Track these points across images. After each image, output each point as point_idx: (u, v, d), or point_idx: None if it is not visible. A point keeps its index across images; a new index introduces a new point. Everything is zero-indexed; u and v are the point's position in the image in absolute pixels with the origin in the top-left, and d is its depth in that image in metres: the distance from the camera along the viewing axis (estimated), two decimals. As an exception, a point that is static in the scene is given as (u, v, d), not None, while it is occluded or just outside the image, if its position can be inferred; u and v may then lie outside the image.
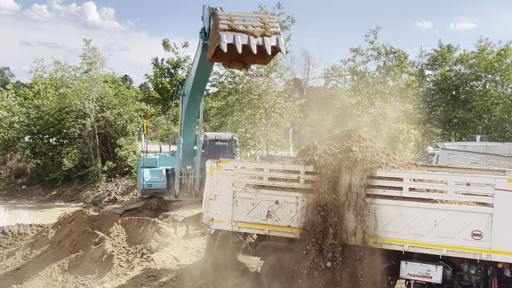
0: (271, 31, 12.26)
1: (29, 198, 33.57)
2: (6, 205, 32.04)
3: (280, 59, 31.29)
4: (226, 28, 12.03)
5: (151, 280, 13.47)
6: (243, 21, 12.31)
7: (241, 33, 12.02)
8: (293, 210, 12.29)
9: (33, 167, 37.83)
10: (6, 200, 32.91)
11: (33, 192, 34.46)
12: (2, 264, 17.36)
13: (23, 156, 36.50)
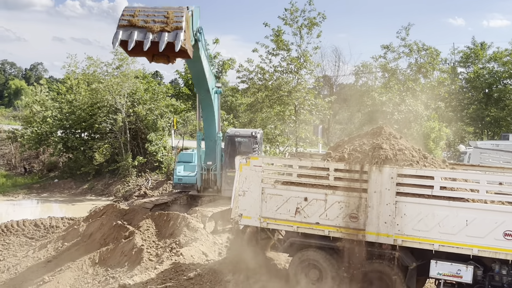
0: (172, 26, 11.79)
1: (61, 191, 34.09)
2: (38, 198, 32.62)
3: (310, 55, 31.20)
4: (126, 24, 11.77)
5: (180, 275, 13.58)
6: (147, 16, 11.91)
7: (139, 29, 11.68)
8: (322, 207, 12.26)
9: (65, 161, 38.42)
10: (38, 193, 33.49)
11: (65, 185, 35.00)
12: (35, 256, 17.68)
13: (55, 150, 37.08)
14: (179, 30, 11.75)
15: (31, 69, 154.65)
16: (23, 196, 32.48)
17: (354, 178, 11.92)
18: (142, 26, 11.70)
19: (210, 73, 18.05)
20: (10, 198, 31.67)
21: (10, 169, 40.72)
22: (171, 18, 11.84)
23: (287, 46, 30.81)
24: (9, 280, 16.14)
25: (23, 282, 15.57)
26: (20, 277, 16.15)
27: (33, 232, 22.20)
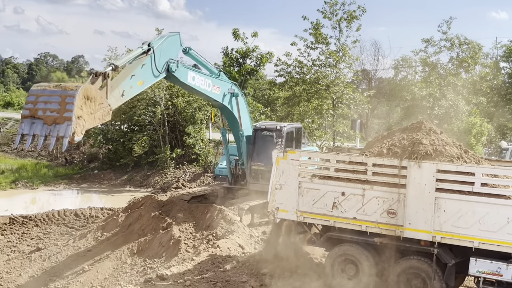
0: (63, 117, 10.60)
1: (101, 182, 34.66)
2: (79, 189, 33.25)
3: (349, 49, 30.95)
4: (28, 114, 10.82)
5: (216, 266, 13.68)
6: (45, 103, 10.76)
7: (38, 120, 10.70)
8: (359, 202, 12.17)
9: (105, 153, 39.03)
10: (79, 184, 34.13)
11: (105, 176, 35.57)
12: (75, 245, 18.05)
13: (95, 141, 37.68)
14: (68, 121, 10.55)
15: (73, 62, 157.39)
16: (64, 186, 33.16)
17: (393, 174, 11.79)
18: (39, 117, 10.74)
19: (212, 86, 17.77)
20: (51, 188, 32.37)
21: (51, 159, 41.57)
22: (63, 106, 10.65)
23: (326, 39, 30.61)
24: (50, 268, 16.52)
25: (63, 270, 15.92)
26: (60, 265, 16.52)
27: (73, 221, 22.70)
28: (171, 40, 15.62)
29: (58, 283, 14.93)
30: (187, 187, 28.28)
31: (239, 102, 18.93)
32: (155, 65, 14.47)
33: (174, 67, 15.41)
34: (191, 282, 12.62)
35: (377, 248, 12.24)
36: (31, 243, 19.63)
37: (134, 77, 13.51)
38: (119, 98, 12.84)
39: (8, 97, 77.86)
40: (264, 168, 19.17)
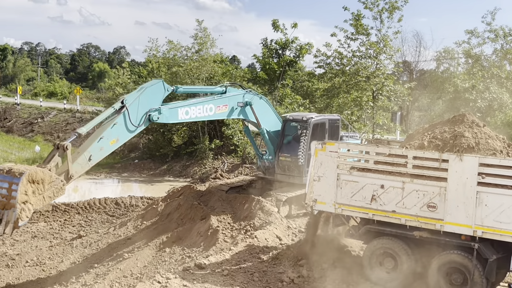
0: (10, 203, 11.00)
1: (141, 172, 35.12)
2: (119, 178, 33.76)
3: (390, 40, 30.55)
4: None
5: (254, 257, 13.74)
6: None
7: None
8: (399, 195, 12.04)
9: (145, 143, 39.49)
10: (119, 173, 34.65)
11: (145, 166, 36.01)
12: (115, 233, 18.36)
13: (136, 131, 38.12)
14: (13, 208, 10.93)
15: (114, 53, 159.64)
16: (105, 175, 33.71)
17: (434, 167, 11.62)
18: None
19: (216, 108, 17.33)
20: (92, 177, 32.93)
21: (93, 149, 42.32)
22: (9, 193, 11.05)
23: (367, 30, 30.28)
24: (91, 255, 16.85)
25: (104, 257, 16.22)
26: (101, 252, 16.83)
27: (114, 210, 23.10)
28: (151, 90, 15.05)
29: (99, 269, 15.22)
30: (225, 177, 28.42)
31: (255, 108, 18.42)
32: (130, 121, 14.12)
33: (155, 117, 14.93)
34: (228, 271, 12.71)
35: (416, 241, 12.10)
36: (73, 230, 20.07)
37: (103, 139, 13.47)
38: (86, 164, 13.05)
39: (52, 87, 79.54)
40: (289, 159, 19.05)
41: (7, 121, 55.31)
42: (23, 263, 16.22)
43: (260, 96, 19.37)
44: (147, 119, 14.75)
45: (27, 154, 38.35)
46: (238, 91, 18.42)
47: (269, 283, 12.41)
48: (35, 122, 52.67)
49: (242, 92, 18.43)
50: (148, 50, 39.66)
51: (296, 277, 12.56)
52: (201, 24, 36.19)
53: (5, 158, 36.54)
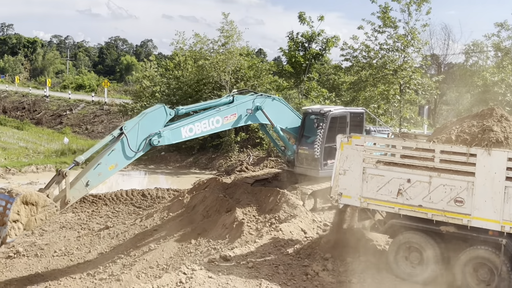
0: (3, 220, 12.00)
1: (167, 164, 35.38)
2: (146, 170, 34.06)
3: (418, 33, 30.19)
4: None
5: (279, 249, 13.76)
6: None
7: None
8: (425, 190, 11.94)
9: (171, 135, 39.73)
10: (146, 165, 34.94)
11: (171, 158, 36.26)
12: (142, 224, 18.56)
13: (162, 124, 38.34)
14: (4, 224, 11.95)
15: (141, 46, 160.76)
16: (132, 167, 33.97)
17: (461, 161, 11.49)
18: None
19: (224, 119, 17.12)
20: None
21: (120, 141, 42.79)
22: (4, 211, 12.05)
23: (394, 23, 29.95)
24: (118, 246, 17.07)
25: (130, 248, 16.40)
26: (128, 243, 17.03)
27: (141, 201, 23.34)
28: (152, 116, 15.05)
29: (125, 260, 15.42)
30: (250, 170, 28.48)
31: (267, 111, 18.26)
32: (129, 147, 14.25)
33: (155, 141, 14.90)
34: (253, 264, 12.76)
35: (442, 236, 11.99)
36: (100, 221, 20.34)
37: (101, 165, 13.73)
38: (83, 189, 13.55)
39: (80, 80, 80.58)
40: (307, 152, 18.99)
41: (36, 113, 56.23)
42: (51, 253, 16.51)
43: (272, 97, 19.12)
44: (148, 144, 14.78)
45: (55, 145, 38.92)
46: (246, 98, 18.12)
47: (293, 276, 12.43)
48: (64, 114, 53.43)
49: (251, 98, 18.13)
50: (175, 43, 39.91)
51: (321, 270, 12.56)
52: (227, 17, 36.23)
53: (35, 149, 37.17)
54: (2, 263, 15.64)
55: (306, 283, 12.11)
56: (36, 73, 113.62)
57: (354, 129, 18.98)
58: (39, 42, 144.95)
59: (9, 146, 38.46)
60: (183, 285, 11.24)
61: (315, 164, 18.73)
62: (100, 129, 47.26)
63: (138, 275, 13.85)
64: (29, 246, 16.95)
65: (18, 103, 60.72)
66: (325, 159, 18.66)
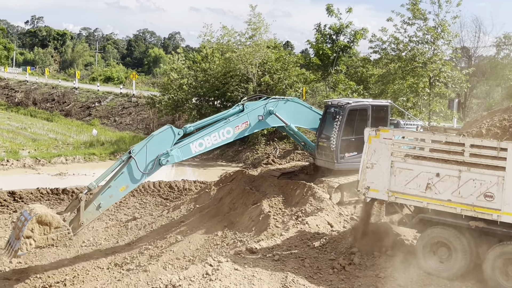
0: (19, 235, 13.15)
1: (194, 156, 35.49)
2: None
3: (448, 25, 29.75)
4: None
5: (305, 243, 13.72)
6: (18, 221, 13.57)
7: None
8: (455, 184, 11.76)
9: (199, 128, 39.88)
10: (173, 157, 35.13)
11: (198, 150, 36.37)
12: (169, 216, 18.70)
13: (190, 116, 38.53)
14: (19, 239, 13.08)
15: (169, 38, 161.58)
16: (160, 159, 34.22)
17: (492, 155, 11.28)
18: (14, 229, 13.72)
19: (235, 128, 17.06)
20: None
21: (148, 133, 42.96)
22: (21, 227, 13.21)
23: (424, 15, 29.55)
24: (145, 237, 17.22)
25: (157, 240, 16.53)
26: (155, 234, 17.18)
27: (168, 193, 23.53)
28: (159, 138, 15.31)
29: (152, 251, 15.55)
30: (277, 163, 28.45)
31: (280, 114, 18.17)
32: (138, 169, 14.66)
33: (164, 161, 15.13)
34: (279, 257, 12.75)
35: (472, 231, 11.81)
36: (128, 213, 20.55)
37: (111, 187, 14.35)
38: (95, 212, 14.26)
39: (109, 72, 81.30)
40: (325, 144, 18.85)
41: (65, 104, 56.95)
42: (80, 243, 16.75)
43: (285, 99, 18.97)
44: (158, 164, 15.10)
45: (84, 137, 39.39)
46: (257, 104, 18.00)
47: (320, 269, 12.39)
48: (93, 106, 54.02)
49: (262, 104, 18.02)
50: (203, 35, 39.96)
51: (347, 265, 12.50)
52: (254, 10, 36.15)
53: (64, 141, 37.69)
54: (31, 253, 15.89)
55: (332, 276, 12.06)
56: (66, 65, 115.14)
57: (378, 122, 18.34)
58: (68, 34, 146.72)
59: (39, 137, 39.06)
60: (209, 277, 11.29)
61: (332, 156, 18.63)
62: (128, 121, 47.66)
63: (165, 266, 13.96)
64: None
65: (48, 95, 61.55)
66: (342, 152, 18.50)
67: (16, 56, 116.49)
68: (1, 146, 34.27)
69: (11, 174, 27.38)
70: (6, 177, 26.60)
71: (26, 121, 48.40)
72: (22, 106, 58.97)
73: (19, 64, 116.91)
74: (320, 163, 19.54)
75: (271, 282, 11.36)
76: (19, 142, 36.66)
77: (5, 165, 28.50)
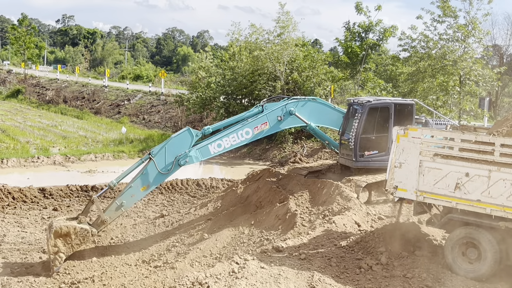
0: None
1: (221, 154, 35.58)
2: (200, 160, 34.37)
3: (480, 23, 29.30)
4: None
5: (332, 242, 13.64)
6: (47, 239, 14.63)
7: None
8: (484, 184, 11.57)
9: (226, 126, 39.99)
10: (201, 155, 35.30)
11: (225, 149, 36.48)
12: (196, 213, 18.78)
13: (218, 114, 38.69)
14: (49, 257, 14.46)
15: (198, 37, 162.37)
16: (187, 157, 34.40)
17: (523, 155, 11.07)
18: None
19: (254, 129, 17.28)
20: (175, 158, 33.75)
21: (176, 130, 43.28)
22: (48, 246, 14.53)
23: (455, 12, 29.19)
24: (172, 234, 17.31)
25: (184, 237, 16.62)
26: (182, 232, 17.26)
27: (195, 191, 23.66)
28: (177, 139, 15.75)
29: (180, 248, 15.65)
30: (304, 161, 28.37)
31: (300, 114, 18.16)
32: (157, 169, 15.22)
33: (182, 162, 15.58)
34: (306, 255, 12.71)
35: (501, 232, 11.62)
36: (155, 210, 20.71)
37: (132, 188, 15.01)
38: (118, 210, 15.02)
39: (138, 70, 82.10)
40: (346, 142, 18.75)
41: (95, 102, 57.64)
42: (108, 240, 16.93)
43: (305, 100, 18.90)
44: (177, 165, 15.55)
45: (114, 135, 39.83)
46: (277, 105, 18.06)
47: (346, 269, 12.30)
48: (122, 104, 54.55)
49: (282, 105, 18.04)
50: (231, 34, 40.02)
51: (374, 264, 12.39)
52: (283, 7, 36.08)
53: (93, 138, 38.18)
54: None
55: (359, 276, 11.97)
56: (96, 64, 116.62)
57: (402, 121, 18.03)
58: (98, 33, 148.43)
59: (69, 134, 39.63)
60: (236, 275, 11.30)
61: (350, 154, 18.56)
62: (157, 119, 48.03)
63: (192, 264, 14.03)
64: (87, 233, 17.39)
65: (78, 93, 62.35)
66: (361, 150, 18.39)
67: (47, 54, 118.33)
68: (32, 143, 34.87)
69: (42, 171, 27.83)
70: (36, 174, 27.05)
71: (56, 118, 49.14)
72: (53, 104, 59.88)
73: (50, 62, 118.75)
74: (342, 161, 19.49)
75: (297, 281, 11.32)
76: (50, 139, 37.24)
77: (36, 162, 28.98)
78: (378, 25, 36.56)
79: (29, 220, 19.18)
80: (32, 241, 17.03)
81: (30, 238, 17.24)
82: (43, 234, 17.48)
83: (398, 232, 13.34)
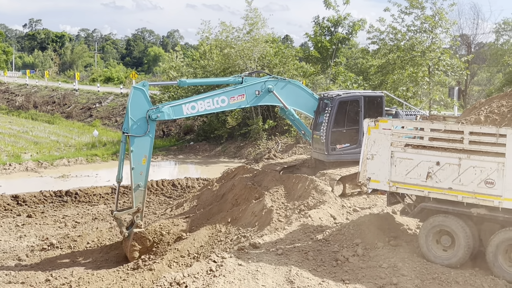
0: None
1: (196, 153, 35.58)
2: (175, 160, 34.32)
3: (446, 13, 29.71)
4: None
5: (308, 236, 13.73)
6: None
7: None
8: (455, 172, 11.76)
9: (200, 125, 39.96)
10: (175, 155, 35.23)
11: (200, 148, 36.49)
12: (172, 214, 18.74)
13: (191, 114, 38.49)
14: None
15: (168, 36, 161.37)
16: (162, 157, 34.32)
17: (491, 142, 11.28)
18: None
19: (230, 99, 17.19)
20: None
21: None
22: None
23: (421, 4, 29.59)
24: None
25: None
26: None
27: (171, 191, 23.58)
28: (133, 102, 15.21)
29: (157, 250, 15.60)
30: (279, 157, 28.48)
31: (278, 94, 18.15)
32: (138, 137, 15.08)
33: (154, 116, 15.25)
34: (283, 250, 12.77)
35: (473, 219, 11.83)
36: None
37: (135, 168, 15.12)
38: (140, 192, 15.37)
39: (108, 72, 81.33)
40: (318, 136, 18.92)
41: (66, 106, 56.99)
42: (84, 244, 16.78)
43: (287, 81, 18.96)
44: (150, 121, 15.23)
45: (86, 138, 39.45)
46: (256, 80, 18.08)
47: (323, 262, 12.39)
48: (93, 107, 54.05)
49: (262, 80, 18.05)
50: (201, 32, 39.94)
51: (351, 256, 12.50)
52: (251, 4, 36.11)
53: (66, 143, 37.75)
54: (36, 256, 15.96)
55: (336, 268, 12.07)
56: (65, 67, 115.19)
57: (372, 113, 18.33)
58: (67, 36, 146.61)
59: (40, 140, 39.12)
60: (213, 273, 11.31)
61: (322, 148, 18.72)
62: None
63: (169, 264, 13.99)
64: (62, 238, 17.24)
65: (49, 98, 61.57)
66: (333, 144, 18.59)
67: (15, 59, 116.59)
68: (3, 150, 34.33)
69: (14, 178, 27.43)
70: (9, 181, 26.66)
71: (27, 124, 48.45)
72: (23, 110, 59.01)
73: (19, 67, 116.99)
74: (315, 156, 19.64)
75: (275, 276, 11.38)
76: (21, 145, 36.71)
77: (8, 169, 28.54)
78: (347, 19, 36.87)
79: (2, 228, 18.90)
80: (6, 249, 16.80)
81: (4, 246, 17.00)
82: (17, 242, 17.27)
83: (373, 223, 13.49)
